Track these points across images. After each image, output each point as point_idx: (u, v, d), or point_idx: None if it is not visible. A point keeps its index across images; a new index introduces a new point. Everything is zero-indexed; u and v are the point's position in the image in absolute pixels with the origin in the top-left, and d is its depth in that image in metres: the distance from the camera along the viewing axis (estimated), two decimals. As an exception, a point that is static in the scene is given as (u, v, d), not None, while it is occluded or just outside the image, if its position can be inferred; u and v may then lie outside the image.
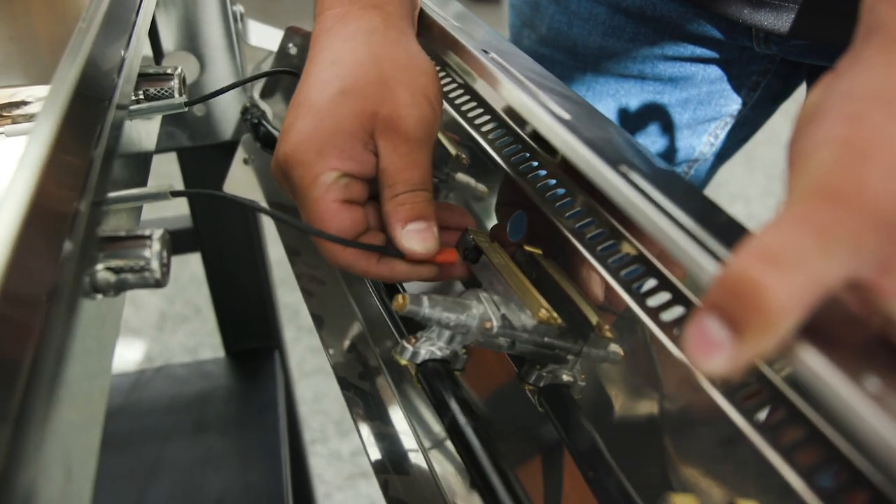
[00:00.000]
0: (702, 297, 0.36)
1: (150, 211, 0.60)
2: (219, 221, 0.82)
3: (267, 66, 0.73)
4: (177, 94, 0.59)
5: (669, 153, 0.75)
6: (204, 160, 0.78)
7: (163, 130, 0.74)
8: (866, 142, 0.28)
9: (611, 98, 0.74)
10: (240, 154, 0.71)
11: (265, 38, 0.75)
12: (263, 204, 0.69)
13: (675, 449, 0.39)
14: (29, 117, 0.59)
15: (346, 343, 0.59)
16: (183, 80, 0.60)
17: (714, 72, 0.71)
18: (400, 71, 0.47)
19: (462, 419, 0.41)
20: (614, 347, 0.42)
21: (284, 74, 0.59)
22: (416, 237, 0.46)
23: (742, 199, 2.37)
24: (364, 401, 0.54)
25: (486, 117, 0.56)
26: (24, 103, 0.60)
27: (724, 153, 0.77)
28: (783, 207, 0.28)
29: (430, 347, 0.43)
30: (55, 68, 0.68)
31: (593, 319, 0.42)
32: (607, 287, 0.42)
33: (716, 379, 0.35)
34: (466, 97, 0.58)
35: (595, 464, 0.40)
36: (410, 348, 0.43)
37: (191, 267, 2.04)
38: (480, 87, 0.57)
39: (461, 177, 0.56)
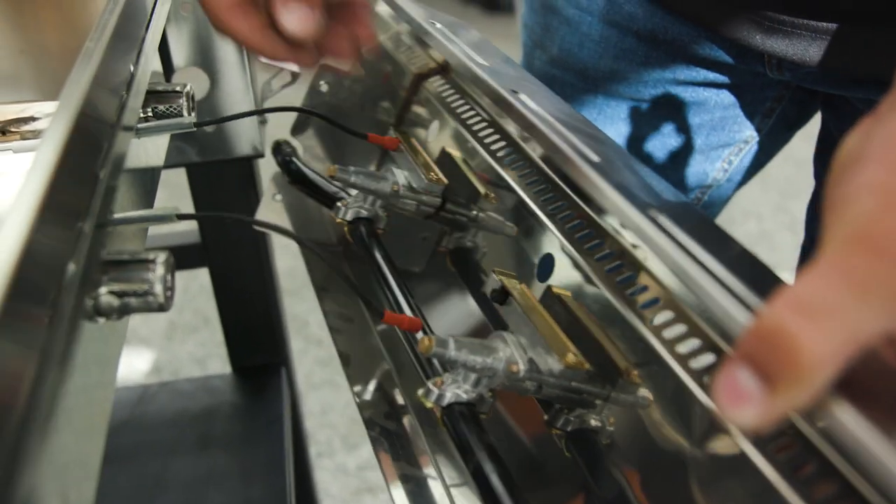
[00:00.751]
0: (733, 345, 0.35)
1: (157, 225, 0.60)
2: (227, 238, 0.81)
3: (278, 85, 0.72)
4: (186, 113, 0.58)
5: (681, 179, 0.74)
6: (214, 176, 0.77)
7: (172, 145, 0.74)
8: None
9: (622, 122, 0.73)
10: (270, 190, 0.71)
11: (276, 54, 0.75)
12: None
13: (703, 499, 0.38)
14: (38, 133, 0.59)
15: (373, 382, 0.59)
16: (192, 98, 0.60)
17: (727, 97, 0.70)
18: None
19: (487, 465, 0.41)
20: (643, 393, 0.41)
21: (312, 115, 0.59)
22: (295, 17, 0.46)
23: (755, 216, 2.36)
24: (389, 441, 0.54)
25: (515, 156, 0.55)
26: (33, 119, 0.60)
27: (740, 180, 0.77)
28: (819, 254, 0.27)
29: (455, 390, 0.43)
30: (66, 83, 0.67)
31: (622, 365, 0.41)
32: (635, 332, 0.41)
33: (746, 431, 0.34)
34: (496, 136, 0.58)
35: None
36: (436, 391, 0.43)
37: (200, 277, 2.04)
38: (508, 124, 0.57)
39: (490, 216, 0.56)
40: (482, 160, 0.57)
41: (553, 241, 0.49)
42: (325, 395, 1.78)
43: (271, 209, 0.71)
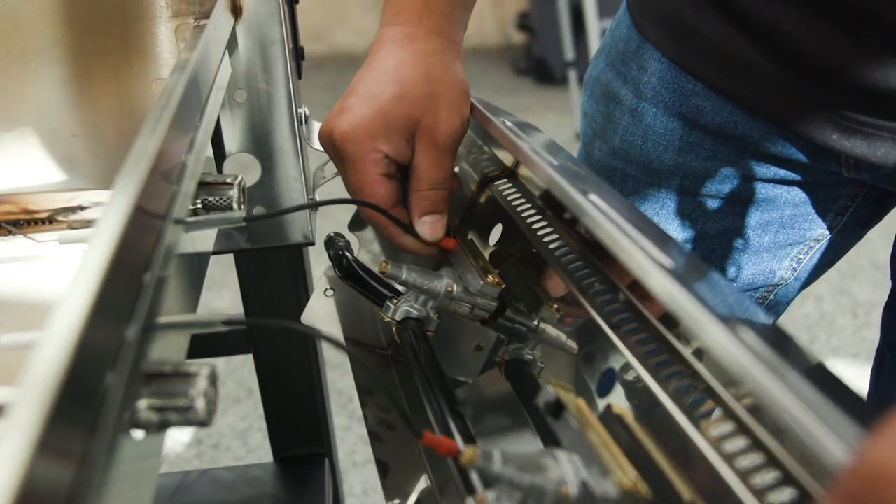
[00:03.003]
0: (816, 478, 0.31)
1: (202, 306, 0.59)
2: (273, 326, 0.79)
3: (330, 172, 0.71)
4: (236, 205, 0.57)
5: (747, 277, 0.70)
6: (263, 262, 0.76)
7: (220, 231, 0.72)
8: None
9: (686, 217, 0.70)
10: (321, 285, 0.69)
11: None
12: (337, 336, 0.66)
13: None
14: (85, 223, 0.57)
15: (412, 496, 0.55)
16: (243, 190, 0.58)
17: (798, 194, 0.67)
18: (446, 90, 0.59)
19: None
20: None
21: (366, 206, 0.58)
22: (428, 227, 0.60)
23: (814, 297, 2.29)
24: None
25: (580, 263, 0.52)
26: (81, 208, 0.59)
27: (807, 278, 0.73)
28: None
29: None
30: (118, 167, 0.67)
31: (685, 496, 0.38)
32: (705, 461, 0.37)
33: None
34: (560, 242, 0.54)
35: None
36: None
37: (246, 347, 2.02)
38: (575, 229, 0.54)
39: (551, 330, 0.53)
40: (546, 267, 0.54)
41: (617, 357, 0.46)
42: (368, 475, 1.74)
43: (322, 304, 0.69)
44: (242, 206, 0.58)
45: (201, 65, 0.53)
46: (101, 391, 0.31)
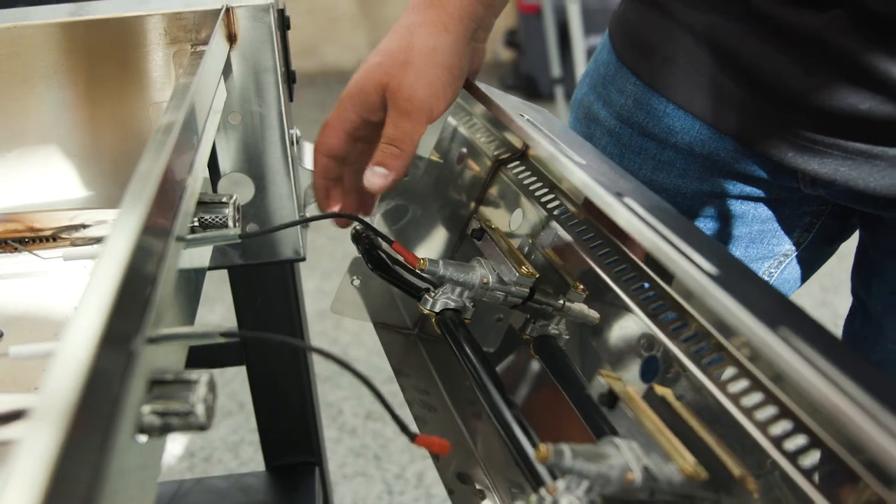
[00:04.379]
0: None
1: (196, 320, 0.61)
2: (265, 339, 0.82)
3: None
4: (231, 223, 0.60)
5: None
6: (255, 277, 0.79)
7: (216, 248, 0.75)
8: None
9: None
10: (349, 275, 0.74)
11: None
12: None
13: None
14: (88, 241, 0.60)
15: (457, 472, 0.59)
16: (238, 209, 0.61)
17: (765, 211, 0.71)
18: (419, 58, 0.63)
19: None
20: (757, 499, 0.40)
21: (353, 220, 0.61)
22: (373, 176, 0.65)
23: (794, 311, 2.33)
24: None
25: (607, 250, 0.55)
26: (84, 226, 0.62)
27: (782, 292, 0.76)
28: None
29: (570, 497, 0.42)
30: (115, 187, 0.69)
31: (736, 472, 0.40)
32: (746, 434, 0.40)
33: None
34: (585, 227, 0.58)
35: None
36: (549, 498, 0.43)
37: (237, 361, 2.05)
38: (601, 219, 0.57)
39: (576, 306, 0.57)
40: (575, 254, 0.57)
41: (659, 343, 0.48)
42: (358, 487, 1.76)
43: (349, 293, 0.73)
44: (237, 224, 0.61)
45: (199, 90, 0.56)
46: (112, 397, 0.34)
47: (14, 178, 0.68)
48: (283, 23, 0.71)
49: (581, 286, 0.56)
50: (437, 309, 0.60)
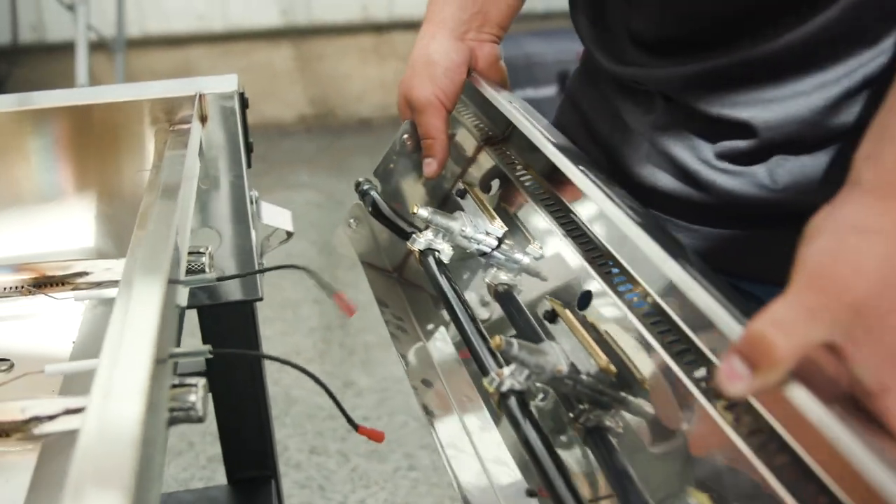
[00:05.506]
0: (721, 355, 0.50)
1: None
2: (229, 366, 0.96)
3: (276, 242, 0.90)
4: (207, 269, 0.75)
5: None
6: (221, 315, 0.93)
7: (191, 290, 0.89)
8: (843, 252, 0.45)
9: None
10: (348, 217, 0.93)
11: (275, 216, 0.93)
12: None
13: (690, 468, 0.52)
14: (93, 285, 0.74)
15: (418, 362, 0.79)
16: (211, 257, 0.76)
17: None
18: (418, 65, 0.82)
19: (532, 434, 0.56)
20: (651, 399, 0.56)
21: (298, 269, 0.77)
22: (425, 166, 0.84)
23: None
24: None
25: (559, 209, 0.73)
26: (86, 273, 0.76)
27: None
28: (789, 288, 0.45)
29: (512, 381, 0.57)
30: (108, 239, 0.83)
31: (638, 376, 0.56)
32: (651, 350, 0.56)
33: (736, 398, 0.48)
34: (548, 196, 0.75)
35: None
36: (497, 379, 0.57)
37: (186, 403, 2.15)
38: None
39: (532, 262, 0.73)
40: (536, 213, 0.75)
41: (592, 282, 0.65)
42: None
43: (347, 232, 0.93)
44: (211, 270, 0.76)
45: (184, 164, 0.71)
46: (162, 394, 0.49)
47: (23, 232, 0.82)
48: (244, 104, 0.87)
49: (539, 245, 0.72)
50: (422, 247, 0.76)
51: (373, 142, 3.88)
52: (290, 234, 0.92)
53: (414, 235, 0.77)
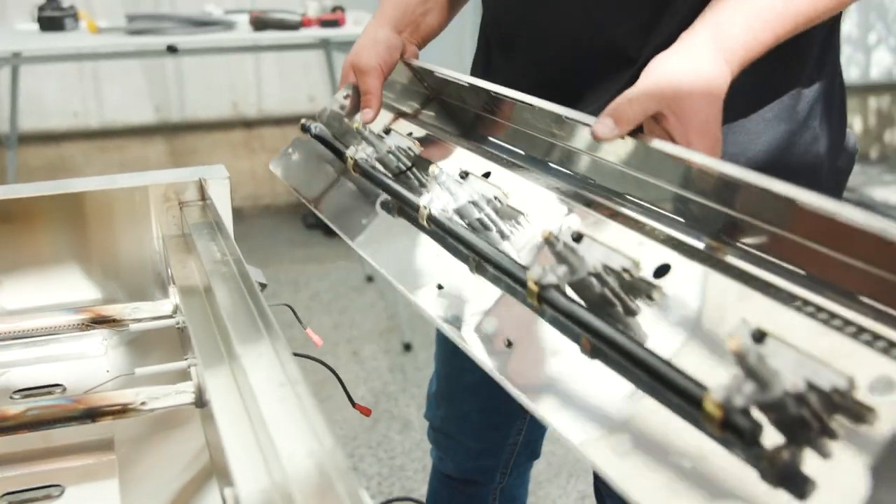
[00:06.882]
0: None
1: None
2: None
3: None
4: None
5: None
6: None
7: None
8: (669, 66, 0.80)
9: None
10: (288, 149, 1.26)
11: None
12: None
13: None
14: (133, 321, 0.98)
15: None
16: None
17: None
18: (366, 43, 1.14)
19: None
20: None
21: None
22: (362, 115, 1.12)
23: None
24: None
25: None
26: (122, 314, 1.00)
27: None
28: (637, 84, 0.80)
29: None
30: (126, 289, 1.07)
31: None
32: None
33: (603, 140, 0.79)
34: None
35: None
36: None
37: None
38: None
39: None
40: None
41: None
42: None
43: (286, 160, 1.25)
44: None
45: (195, 237, 0.97)
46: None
47: (66, 288, 1.05)
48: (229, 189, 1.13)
49: (437, 166, 0.93)
50: (357, 157, 1.03)
51: (245, 229, 4.08)
52: (263, 286, 1.18)
53: (347, 152, 1.04)
